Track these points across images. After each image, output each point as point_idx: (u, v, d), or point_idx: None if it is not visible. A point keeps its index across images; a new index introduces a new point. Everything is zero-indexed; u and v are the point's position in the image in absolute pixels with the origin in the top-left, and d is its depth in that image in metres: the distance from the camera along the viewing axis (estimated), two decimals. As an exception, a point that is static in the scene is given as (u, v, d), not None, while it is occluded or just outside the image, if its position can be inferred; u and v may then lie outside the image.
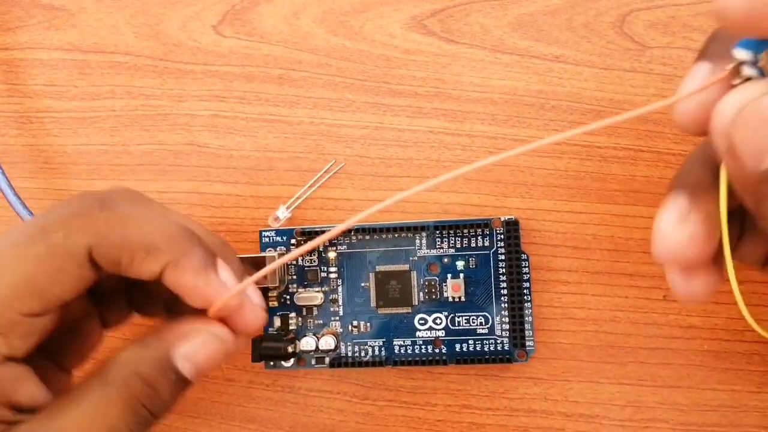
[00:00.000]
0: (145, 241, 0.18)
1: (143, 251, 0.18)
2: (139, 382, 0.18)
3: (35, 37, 0.31)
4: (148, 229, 0.18)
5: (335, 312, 0.28)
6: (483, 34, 0.28)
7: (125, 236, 0.18)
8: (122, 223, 0.18)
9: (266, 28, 0.29)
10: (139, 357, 0.18)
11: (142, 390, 0.18)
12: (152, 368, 0.18)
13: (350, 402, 0.28)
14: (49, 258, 0.18)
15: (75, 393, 0.18)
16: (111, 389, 0.18)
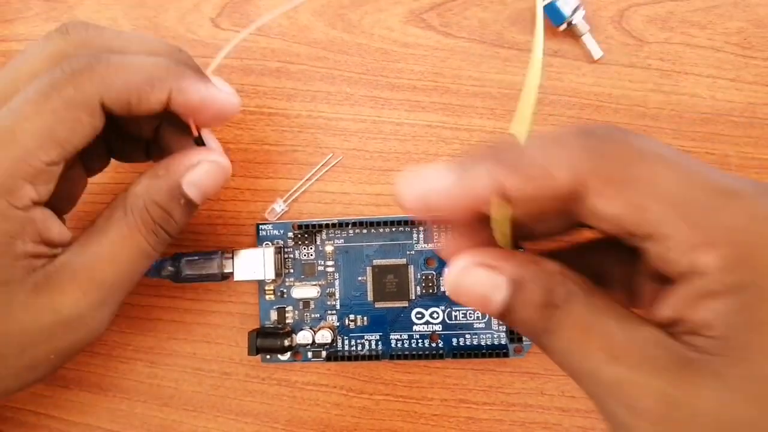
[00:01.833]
0: (148, 78, 0.20)
1: (148, 87, 0.20)
2: (157, 208, 0.22)
3: (33, 28, 0.30)
4: (146, 67, 0.21)
5: (332, 306, 0.28)
6: (482, 29, 0.28)
7: (130, 80, 0.20)
8: (123, 69, 0.20)
9: (264, 21, 0.29)
10: (154, 187, 0.22)
11: (160, 215, 0.22)
12: (166, 196, 0.22)
13: (346, 396, 0.28)
14: (67, 111, 0.20)
15: (100, 224, 0.22)
16: (133, 218, 0.21)
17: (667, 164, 0.15)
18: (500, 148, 0.16)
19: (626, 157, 0.15)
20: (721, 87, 0.28)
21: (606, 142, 0.15)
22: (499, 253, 0.17)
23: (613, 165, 0.15)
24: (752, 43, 0.27)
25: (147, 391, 0.29)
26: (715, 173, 0.15)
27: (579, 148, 0.15)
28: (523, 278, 0.17)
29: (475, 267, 0.17)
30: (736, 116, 0.27)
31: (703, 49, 0.28)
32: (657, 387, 0.15)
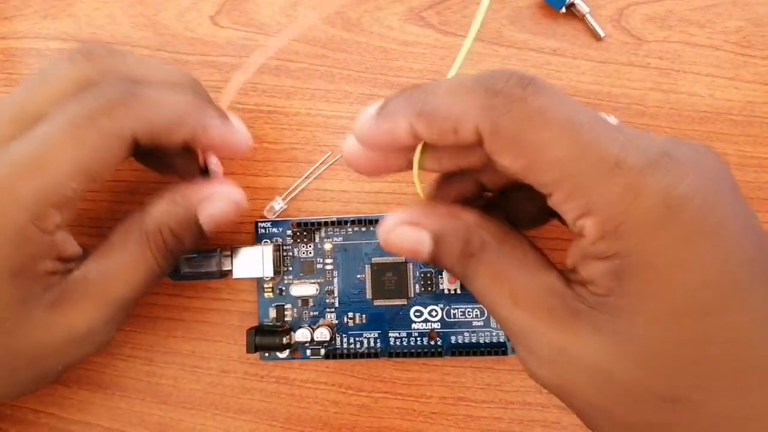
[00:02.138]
0: (178, 116, 0.21)
1: (177, 125, 0.21)
2: (171, 235, 0.23)
3: (32, 26, 0.30)
4: (177, 105, 0.21)
5: (331, 303, 0.28)
6: (480, 27, 0.28)
7: (162, 116, 0.21)
8: (157, 105, 0.21)
9: (263, 19, 0.29)
10: (171, 214, 0.23)
11: (173, 241, 0.23)
12: (181, 224, 0.23)
13: (345, 394, 0.28)
14: (101, 143, 0.20)
15: (116, 242, 0.23)
16: (148, 241, 0.22)
17: (562, 131, 0.15)
18: (415, 95, 0.18)
19: (524, 120, 0.16)
20: (720, 86, 0.28)
21: (505, 100, 0.16)
22: (423, 210, 0.20)
23: (511, 128, 0.16)
24: (751, 42, 0.27)
25: (145, 389, 0.29)
26: (609, 140, 0.15)
27: (480, 107, 0.16)
28: (442, 232, 0.19)
29: (401, 225, 0.19)
30: (734, 115, 0.27)
31: (702, 48, 0.28)
32: (548, 334, 0.17)
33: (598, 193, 0.15)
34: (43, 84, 0.21)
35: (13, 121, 0.21)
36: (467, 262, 0.19)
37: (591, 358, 0.16)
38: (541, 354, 0.17)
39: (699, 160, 0.16)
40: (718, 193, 0.15)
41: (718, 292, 0.15)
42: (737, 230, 0.15)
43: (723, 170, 0.16)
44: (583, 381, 0.17)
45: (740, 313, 0.15)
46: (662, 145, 0.16)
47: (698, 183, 0.15)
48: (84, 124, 0.20)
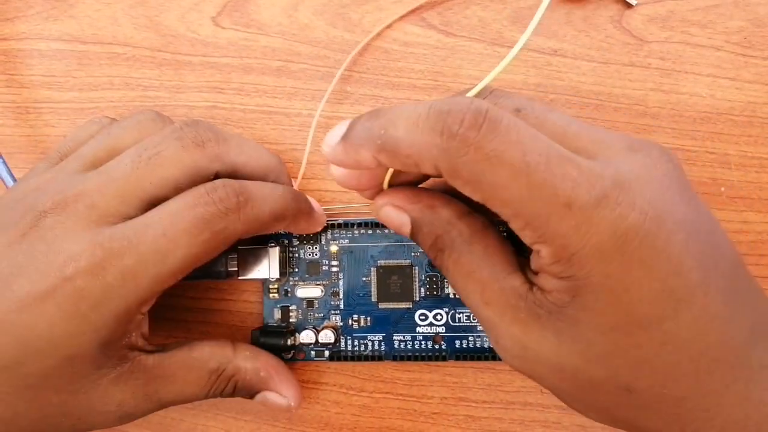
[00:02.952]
0: (280, 214, 0.23)
1: (274, 221, 0.23)
2: (232, 389, 0.25)
3: (33, 27, 0.30)
4: (280, 203, 0.23)
5: (336, 305, 0.28)
6: (482, 27, 0.28)
7: (264, 218, 0.23)
8: (264, 206, 0.23)
9: (265, 20, 0.29)
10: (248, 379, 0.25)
11: (229, 393, 0.25)
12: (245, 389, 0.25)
13: (346, 394, 0.28)
14: (215, 244, 0.22)
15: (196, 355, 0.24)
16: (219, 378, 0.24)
17: (514, 174, 0.17)
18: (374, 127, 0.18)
19: (478, 164, 0.17)
20: (721, 86, 0.28)
21: (460, 144, 0.17)
22: (407, 195, 0.21)
23: (467, 170, 0.17)
24: (752, 43, 0.27)
25: (147, 389, 0.29)
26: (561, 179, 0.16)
27: (437, 149, 0.17)
28: (418, 222, 0.21)
29: (387, 206, 0.22)
30: (736, 115, 0.27)
31: (704, 49, 0.28)
32: (514, 332, 0.19)
33: (551, 231, 0.17)
34: (157, 165, 0.22)
35: (123, 199, 0.22)
36: (439, 254, 0.21)
37: (551, 356, 0.19)
38: (508, 347, 0.20)
39: (650, 177, 0.18)
40: (665, 214, 0.17)
41: (659, 307, 0.17)
42: (682, 247, 0.17)
43: (674, 179, 0.18)
44: (546, 372, 0.19)
45: (676, 322, 0.17)
46: (614, 173, 0.17)
47: (644, 212, 0.17)
48: (204, 226, 0.21)
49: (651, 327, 0.17)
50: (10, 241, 0.21)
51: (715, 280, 0.17)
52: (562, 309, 0.18)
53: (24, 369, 0.20)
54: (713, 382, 0.18)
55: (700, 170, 0.27)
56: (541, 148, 0.17)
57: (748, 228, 0.27)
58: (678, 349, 0.17)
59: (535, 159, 0.16)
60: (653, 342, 0.17)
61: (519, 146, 0.17)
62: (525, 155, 0.16)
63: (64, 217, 0.21)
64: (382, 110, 0.19)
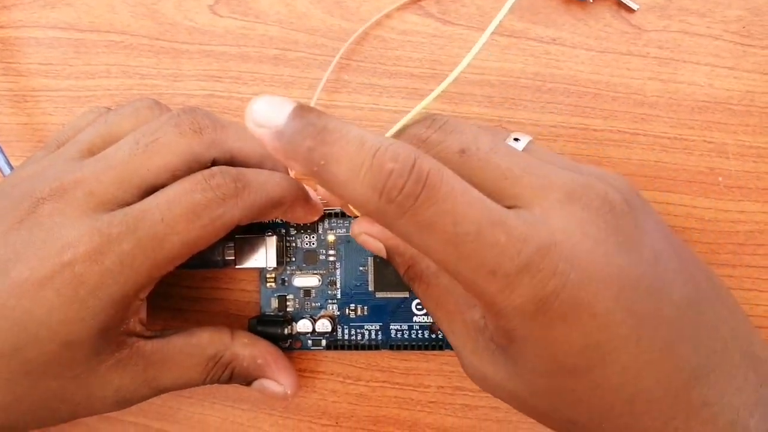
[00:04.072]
0: (278, 200, 0.23)
1: (271, 207, 0.23)
2: (229, 377, 0.25)
3: (30, 15, 0.30)
4: (278, 189, 0.23)
5: (333, 295, 0.28)
6: (480, 16, 0.28)
7: (262, 204, 0.23)
8: (262, 192, 0.23)
9: (262, 8, 0.29)
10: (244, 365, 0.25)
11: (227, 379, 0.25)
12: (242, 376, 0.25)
13: (343, 383, 0.28)
14: (213, 230, 0.22)
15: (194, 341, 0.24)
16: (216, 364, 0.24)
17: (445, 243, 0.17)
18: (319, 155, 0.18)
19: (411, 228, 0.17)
20: (720, 75, 0.27)
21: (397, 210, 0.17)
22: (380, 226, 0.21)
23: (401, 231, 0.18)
24: (751, 32, 0.27)
25: (144, 378, 0.29)
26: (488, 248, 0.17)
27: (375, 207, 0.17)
28: (392, 251, 0.23)
29: (362, 234, 0.23)
30: (734, 104, 0.27)
31: (702, 38, 0.28)
32: (473, 361, 0.21)
33: (477, 290, 0.18)
34: (155, 153, 0.22)
35: (122, 186, 0.21)
36: (410, 282, 0.23)
37: (504, 385, 0.20)
38: (470, 372, 0.22)
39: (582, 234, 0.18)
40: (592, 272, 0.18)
41: (585, 358, 0.18)
42: (610, 302, 0.18)
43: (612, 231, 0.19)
44: (505, 397, 0.21)
45: (604, 371, 0.18)
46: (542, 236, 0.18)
47: (565, 275, 0.17)
48: (201, 212, 0.21)
49: (580, 374, 0.18)
50: (7, 228, 0.21)
51: (653, 328, 0.18)
52: (505, 349, 0.20)
53: (23, 355, 0.20)
54: (651, 420, 0.19)
55: (698, 159, 0.27)
56: (473, 216, 0.17)
57: (745, 218, 0.27)
58: (609, 392, 0.18)
59: (466, 229, 0.17)
60: (584, 387, 0.19)
61: (452, 217, 0.17)
62: (456, 226, 0.17)
63: (63, 204, 0.21)
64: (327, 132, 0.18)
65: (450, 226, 0.17)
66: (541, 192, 0.19)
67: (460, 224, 0.17)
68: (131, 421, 0.29)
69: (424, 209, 0.17)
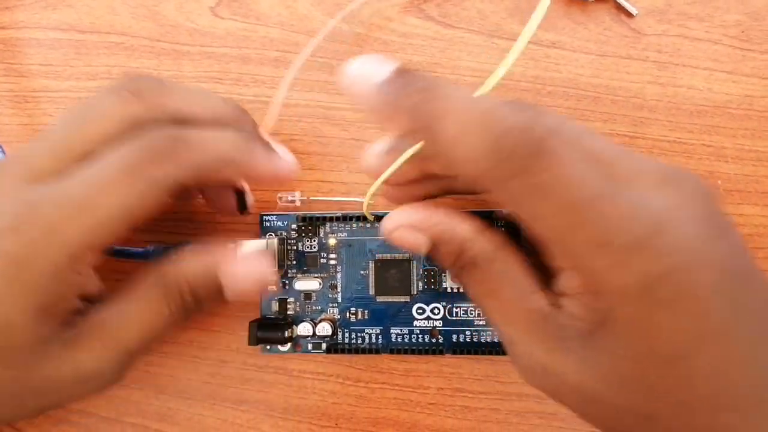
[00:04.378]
0: (224, 160, 0.22)
1: (223, 167, 0.22)
2: (190, 295, 0.23)
3: (32, 16, 0.30)
4: (223, 147, 0.22)
5: (334, 298, 0.28)
6: (480, 19, 0.28)
7: (207, 161, 0.21)
8: (203, 150, 0.21)
9: (263, 10, 0.29)
10: (196, 275, 0.23)
11: (192, 300, 0.23)
12: (200, 286, 0.23)
13: (343, 384, 0.28)
14: (148, 191, 0.20)
15: (137, 288, 0.22)
16: (167, 296, 0.22)
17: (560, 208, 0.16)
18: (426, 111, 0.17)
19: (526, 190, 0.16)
20: (719, 79, 0.28)
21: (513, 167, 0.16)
22: (422, 215, 0.21)
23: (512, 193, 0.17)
24: (750, 36, 0.28)
25: (143, 379, 0.29)
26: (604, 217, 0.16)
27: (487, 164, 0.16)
28: (437, 241, 0.20)
29: (403, 228, 0.21)
30: (733, 108, 0.28)
31: (701, 42, 0.28)
32: (536, 353, 0.19)
33: (584, 264, 0.17)
34: (90, 121, 0.21)
35: (55, 156, 0.21)
36: (459, 272, 0.21)
37: (572, 379, 0.18)
38: (528, 366, 0.19)
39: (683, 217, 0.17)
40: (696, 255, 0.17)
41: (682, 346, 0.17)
42: (711, 288, 0.17)
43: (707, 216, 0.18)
44: (566, 393, 0.19)
45: (699, 360, 0.17)
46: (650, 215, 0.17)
47: (676, 257, 0.16)
48: (133, 173, 0.20)
49: (674, 363, 0.17)
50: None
51: (744, 320, 0.17)
52: (588, 335, 0.18)
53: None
54: (731, 417, 0.18)
55: (697, 163, 0.28)
56: (588, 185, 0.17)
57: (744, 221, 0.27)
58: (699, 384, 0.17)
59: (580, 197, 0.16)
60: (675, 376, 0.17)
61: (568, 183, 0.16)
62: (572, 193, 0.16)
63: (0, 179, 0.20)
64: (434, 88, 0.17)
65: (565, 191, 0.16)
66: (637, 175, 0.18)
67: (577, 190, 0.16)
68: (130, 422, 0.29)
69: (541, 171, 0.16)
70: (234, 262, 0.23)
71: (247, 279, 0.23)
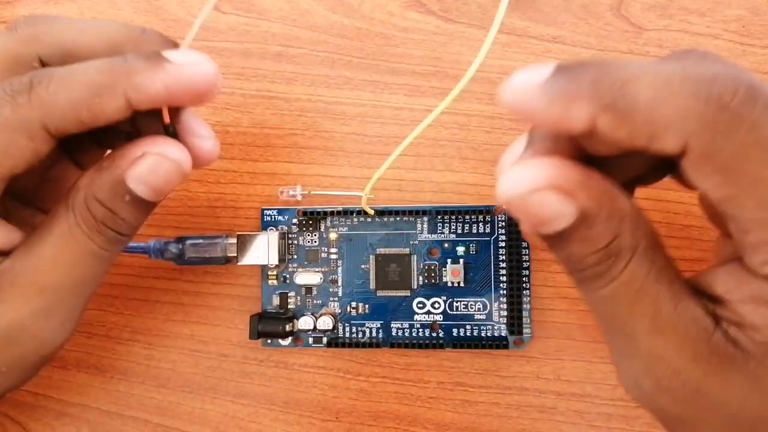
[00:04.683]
0: (94, 90, 0.18)
1: (97, 99, 0.18)
2: (99, 206, 0.19)
3: (34, 11, 0.30)
4: (89, 78, 0.18)
5: (334, 293, 0.28)
6: (481, 14, 0.28)
7: (73, 97, 0.18)
8: (64, 86, 0.18)
9: (265, 5, 0.29)
10: (96, 182, 0.19)
11: (103, 213, 0.19)
12: (108, 192, 0.19)
13: (344, 378, 0.28)
14: (8, 138, 0.18)
15: (44, 225, 0.19)
16: (74, 216, 0.19)
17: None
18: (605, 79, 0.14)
19: (749, 148, 0.13)
20: (719, 74, 0.28)
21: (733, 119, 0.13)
22: (577, 175, 0.15)
23: (731, 154, 0.14)
24: (750, 31, 0.28)
25: (144, 373, 0.29)
26: None
27: (699, 119, 0.14)
28: (593, 213, 0.15)
29: (548, 189, 0.15)
30: (733, 103, 0.28)
31: (702, 37, 0.28)
32: (691, 373, 0.15)
33: None
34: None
35: None
36: (607, 260, 0.15)
37: (733, 405, 0.15)
38: (670, 386, 0.15)
39: None
40: None
41: None
42: None
43: None
44: (715, 421, 0.15)
45: None
46: None
47: None
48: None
49: None
50: None
51: None
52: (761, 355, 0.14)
53: None
54: None
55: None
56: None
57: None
58: None
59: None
60: None
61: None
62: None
63: None
64: (607, 63, 0.14)
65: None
66: None
67: None
68: (131, 416, 0.29)
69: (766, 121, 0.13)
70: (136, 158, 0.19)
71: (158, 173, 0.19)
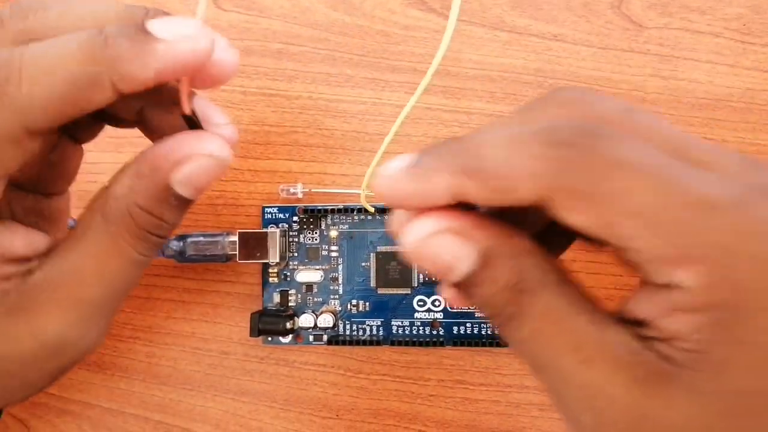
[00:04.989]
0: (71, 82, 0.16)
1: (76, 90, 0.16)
2: (143, 213, 0.18)
3: None
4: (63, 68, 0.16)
5: (335, 290, 0.28)
6: (482, 12, 0.28)
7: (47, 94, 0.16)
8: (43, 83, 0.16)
9: (266, 2, 0.29)
10: (139, 189, 0.18)
11: (148, 220, 0.18)
12: (154, 199, 0.18)
13: (344, 376, 0.29)
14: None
15: (79, 233, 0.18)
16: (115, 226, 0.18)
17: (642, 175, 0.14)
18: (458, 150, 0.15)
19: (596, 170, 0.14)
20: (720, 72, 0.28)
21: (576, 151, 0.14)
22: (471, 219, 0.16)
23: (582, 180, 0.14)
24: (751, 29, 0.28)
25: (145, 370, 0.29)
26: (696, 180, 0.14)
27: (546, 161, 0.14)
28: (493, 253, 0.15)
29: (443, 233, 0.15)
30: (734, 102, 0.28)
31: (703, 35, 0.28)
32: (626, 399, 0.14)
33: (698, 239, 0.13)
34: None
35: None
36: (517, 298, 0.15)
37: (683, 423, 0.14)
38: (615, 418, 0.15)
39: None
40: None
41: None
42: None
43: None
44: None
45: None
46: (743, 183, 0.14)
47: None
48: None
49: None
50: None
51: None
52: (702, 354, 0.14)
53: None
54: None
55: (698, 156, 0.28)
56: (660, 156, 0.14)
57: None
58: None
59: (663, 162, 0.14)
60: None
61: (639, 150, 0.14)
62: (648, 158, 0.14)
63: None
64: (466, 135, 0.15)
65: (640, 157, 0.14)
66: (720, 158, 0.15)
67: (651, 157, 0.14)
68: (132, 413, 0.29)
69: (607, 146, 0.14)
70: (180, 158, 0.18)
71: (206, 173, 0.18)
